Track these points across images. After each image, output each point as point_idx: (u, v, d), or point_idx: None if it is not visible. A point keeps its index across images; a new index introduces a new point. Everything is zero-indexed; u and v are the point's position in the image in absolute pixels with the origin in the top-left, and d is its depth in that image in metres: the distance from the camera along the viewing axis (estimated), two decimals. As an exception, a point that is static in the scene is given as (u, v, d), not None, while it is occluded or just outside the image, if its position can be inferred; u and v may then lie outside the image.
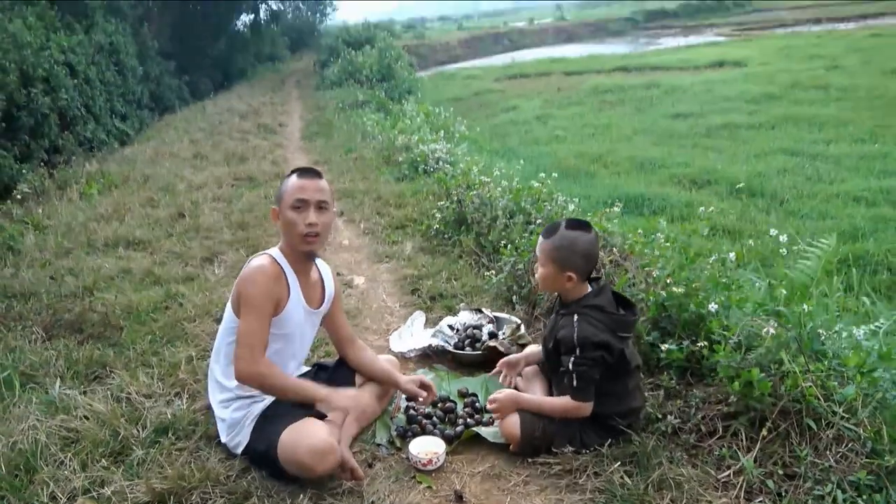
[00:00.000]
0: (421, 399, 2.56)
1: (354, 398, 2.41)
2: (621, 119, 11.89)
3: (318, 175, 2.38)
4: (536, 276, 2.38)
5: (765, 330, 2.33)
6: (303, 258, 2.37)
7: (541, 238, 2.36)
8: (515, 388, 2.74)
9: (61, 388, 2.76)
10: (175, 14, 18.06)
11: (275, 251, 2.37)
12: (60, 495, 2.14)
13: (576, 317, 2.23)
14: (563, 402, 2.27)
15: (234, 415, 2.31)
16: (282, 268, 2.32)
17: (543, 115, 13.00)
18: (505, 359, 2.71)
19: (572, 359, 2.21)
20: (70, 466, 2.28)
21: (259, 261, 2.32)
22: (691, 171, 7.95)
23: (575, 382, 2.22)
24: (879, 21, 23.99)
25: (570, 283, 2.27)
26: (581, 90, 15.51)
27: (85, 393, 2.73)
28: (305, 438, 2.12)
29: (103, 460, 2.33)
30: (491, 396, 2.44)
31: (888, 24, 22.59)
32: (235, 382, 2.29)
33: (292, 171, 2.41)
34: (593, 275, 2.37)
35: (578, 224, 2.30)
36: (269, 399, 2.33)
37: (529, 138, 11.05)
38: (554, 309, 2.46)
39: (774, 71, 14.47)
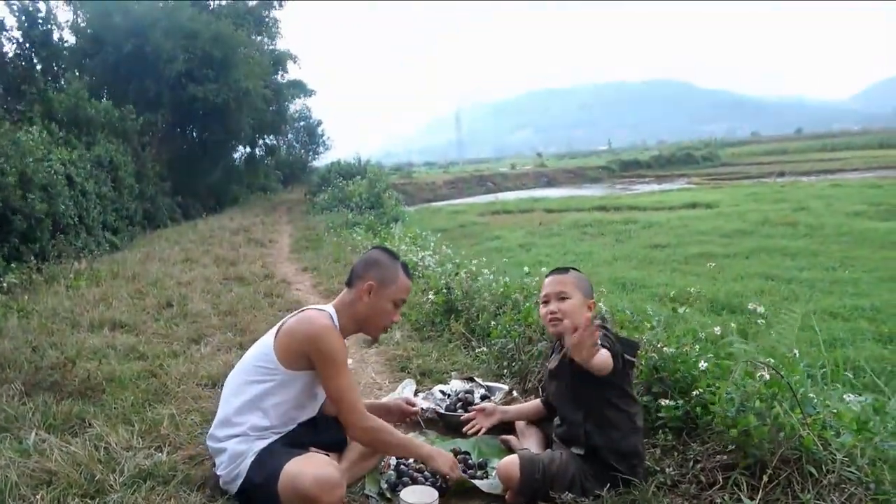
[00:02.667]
0: (412, 410, 2.68)
1: (454, 464, 2.39)
2: (602, 248, 12.27)
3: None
4: (562, 307, 2.37)
5: (758, 374, 2.35)
6: (352, 331, 2.41)
7: (557, 275, 2.47)
8: (509, 448, 2.68)
9: (37, 437, 2.65)
10: (176, 142, 18.92)
11: (332, 311, 2.34)
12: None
13: None
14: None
15: (237, 447, 2.21)
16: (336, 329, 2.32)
17: (526, 244, 13.38)
18: (479, 405, 2.69)
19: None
20: (40, 505, 2.16)
21: (324, 321, 2.28)
22: (671, 290, 8.12)
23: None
24: (838, 175, 25.69)
25: (589, 311, 2.36)
26: (562, 224, 16.11)
27: (62, 439, 2.62)
28: (312, 468, 2.05)
29: (77, 500, 2.20)
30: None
31: (846, 177, 24.19)
32: (248, 421, 2.24)
33: (397, 259, 2.44)
34: None
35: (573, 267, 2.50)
36: (273, 437, 2.26)
37: (514, 262, 11.32)
38: (554, 349, 2.48)
39: (745, 211, 15.21)
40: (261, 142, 27.09)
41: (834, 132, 71.47)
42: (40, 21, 13.53)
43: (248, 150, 26.00)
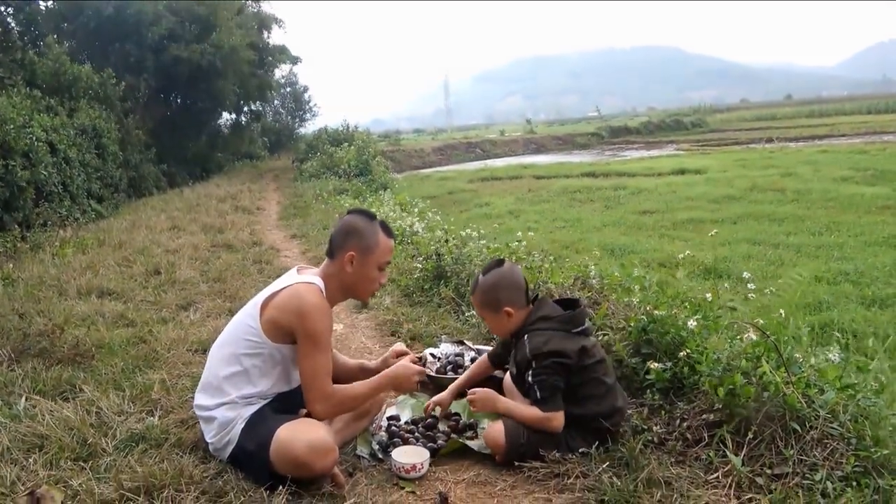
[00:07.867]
0: (407, 358, 2.60)
1: (414, 372, 2.43)
2: (591, 214, 12.28)
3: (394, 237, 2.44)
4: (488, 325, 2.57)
5: (745, 335, 2.38)
6: (340, 300, 2.42)
7: (470, 296, 2.59)
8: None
9: (28, 402, 2.65)
10: (160, 109, 18.61)
11: (319, 283, 2.28)
12: (22, 487, 2.02)
13: (525, 336, 2.32)
14: (534, 411, 2.29)
15: (226, 414, 2.21)
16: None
17: (515, 210, 13.36)
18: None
19: (531, 372, 2.28)
20: (33, 468, 2.17)
21: (315, 297, 2.22)
22: (660, 256, 8.16)
23: (539, 394, 2.27)
24: (826, 141, 25.76)
25: (510, 317, 2.38)
26: (551, 190, 16.07)
27: (53, 404, 2.62)
28: (304, 434, 2.06)
29: (70, 463, 2.21)
30: (469, 390, 2.50)
31: (834, 143, 24.26)
32: (239, 391, 2.22)
33: (374, 219, 2.37)
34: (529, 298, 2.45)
35: (490, 266, 2.47)
36: (261, 403, 2.26)
37: (503, 228, 11.32)
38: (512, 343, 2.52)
39: (733, 177, 15.24)
40: (246, 108, 26.61)
41: (823, 98, 71.39)
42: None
43: (233, 116, 25.60)
